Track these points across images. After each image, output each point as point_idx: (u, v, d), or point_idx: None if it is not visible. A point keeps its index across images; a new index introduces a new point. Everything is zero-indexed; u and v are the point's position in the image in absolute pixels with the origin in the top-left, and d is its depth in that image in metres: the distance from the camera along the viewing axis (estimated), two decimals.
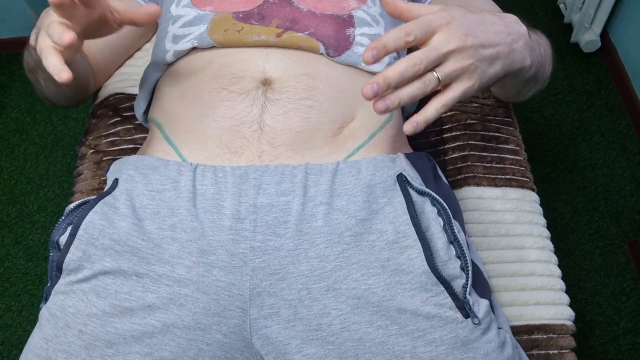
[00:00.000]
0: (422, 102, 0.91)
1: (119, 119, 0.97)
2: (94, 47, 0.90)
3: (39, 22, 0.70)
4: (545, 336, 0.77)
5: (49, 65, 0.57)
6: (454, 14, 0.59)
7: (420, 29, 0.56)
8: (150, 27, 0.99)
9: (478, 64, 0.58)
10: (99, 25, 0.62)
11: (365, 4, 0.78)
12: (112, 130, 0.96)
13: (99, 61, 0.93)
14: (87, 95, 0.94)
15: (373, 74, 0.75)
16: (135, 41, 1.00)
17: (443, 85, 0.58)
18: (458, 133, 0.92)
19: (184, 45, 0.74)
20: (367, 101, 0.72)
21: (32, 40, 0.70)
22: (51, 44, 0.58)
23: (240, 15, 0.74)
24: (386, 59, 0.75)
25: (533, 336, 0.77)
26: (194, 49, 0.75)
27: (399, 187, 0.66)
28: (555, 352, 0.77)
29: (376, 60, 0.55)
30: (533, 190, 0.89)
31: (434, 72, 0.57)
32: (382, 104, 0.55)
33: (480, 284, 0.68)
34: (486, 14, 0.62)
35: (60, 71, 0.56)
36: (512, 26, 0.63)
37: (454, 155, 0.91)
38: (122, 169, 0.69)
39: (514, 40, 0.62)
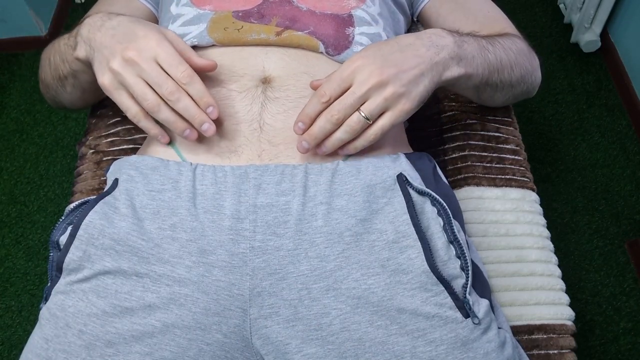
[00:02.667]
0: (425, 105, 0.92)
1: (119, 119, 0.97)
2: None
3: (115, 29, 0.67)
4: (545, 336, 0.77)
5: (151, 132, 0.67)
6: (364, 53, 0.64)
7: (331, 86, 0.63)
8: None
9: (403, 89, 0.63)
10: None
11: (364, 3, 0.78)
12: (112, 130, 0.96)
13: None
14: (99, 99, 0.95)
15: None
16: None
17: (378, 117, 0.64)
18: (458, 133, 0.92)
19: None
20: None
21: (79, 54, 0.71)
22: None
23: (240, 14, 0.74)
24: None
25: (533, 336, 0.77)
26: (193, 47, 0.75)
27: (399, 187, 0.66)
28: (555, 352, 0.77)
29: (304, 131, 0.63)
30: (533, 190, 0.89)
31: (360, 112, 0.63)
32: (320, 151, 0.65)
33: (480, 284, 0.68)
34: (402, 37, 0.67)
35: (163, 136, 0.68)
36: (431, 40, 0.67)
37: (454, 155, 0.91)
38: (122, 169, 0.69)
39: (435, 53, 0.66)
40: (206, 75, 0.72)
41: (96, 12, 0.73)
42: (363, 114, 0.63)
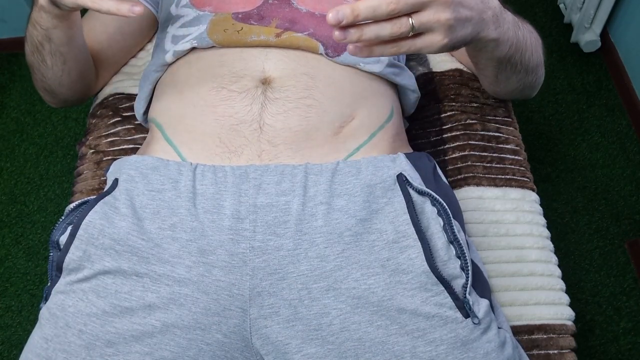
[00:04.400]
0: (420, 102, 0.92)
1: (119, 119, 0.97)
2: (96, 45, 0.90)
3: None
4: (545, 336, 0.77)
5: (110, 7, 0.60)
6: None
7: None
8: (151, 26, 0.99)
9: (454, 22, 0.57)
10: None
11: None
12: (112, 130, 0.96)
13: (103, 59, 0.93)
14: (88, 90, 0.94)
15: (372, 74, 0.75)
16: (138, 40, 1.00)
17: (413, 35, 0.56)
18: (458, 133, 0.92)
19: (184, 45, 0.74)
20: (367, 101, 0.73)
21: (41, 1, 0.69)
22: None
23: (240, 15, 0.74)
24: (385, 59, 0.75)
25: (533, 336, 0.77)
26: (193, 49, 0.75)
27: (399, 187, 0.66)
28: (555, 352, 0.77)
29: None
30: (533, 190, 0.89)
31: (410, 18, 0.55)
32: (341, 34, 0.54)
33: (480, 284, 0.68)
34: None
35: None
36: None
37: (454, 155, 0.91)
38: (122, 169, 0.69)
39: (484, 9, 0.62)
40: (207, 77, 0.72)
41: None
42: (412, 22, 0.55)
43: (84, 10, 0.92)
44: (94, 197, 0.69)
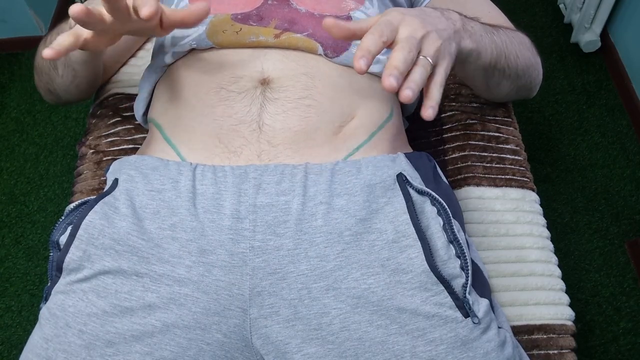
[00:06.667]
0: (420, 102, 0.92)
1: (119, 119, 0.97)
2: None
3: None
4: (545, 336, 0.78)
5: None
6: (401, 10, 0.63)
7: (387, 29, 0.60)
8: None
9: (445, 43, 0.63)
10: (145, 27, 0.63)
11: (363, 5, 0.78)
12: (112, 130, 0.96)
13: (107, 59, 0.94)
14: (93, 90, 0.95)
15: (372, 74, 0.75)
16: (138, 40, 1.01)
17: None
18: (458, 133, 0.92)
19: (183, 46, 0.74)
20: (366, 101, 0.73)
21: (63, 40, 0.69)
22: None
23: (239, 16, 0.74)
24: (383, 59, 0.76)
25: (533, 336, 0.77)
26: (192, 50, 0.75)
27: (398, 187, 0.66)
28: (555, 352, 0.77)
29: (369, 66, 0.57)
30: (533, 190, 0.89)
31: (423, 57, 0.60)
32: (410, 92, 0.57)
33: (480, 284, 0.68)
34: (420, 8, 0.67)
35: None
36: (443, 14, 0.67)
37: (454, 155, 0.91)
38: (122, 169, 0.69)
39: (452, 23, 0.67)
40: (206, 77, 0.72)
41: None
42: (427, 58, 0.60)
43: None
44: (94, 197, 0.69)
